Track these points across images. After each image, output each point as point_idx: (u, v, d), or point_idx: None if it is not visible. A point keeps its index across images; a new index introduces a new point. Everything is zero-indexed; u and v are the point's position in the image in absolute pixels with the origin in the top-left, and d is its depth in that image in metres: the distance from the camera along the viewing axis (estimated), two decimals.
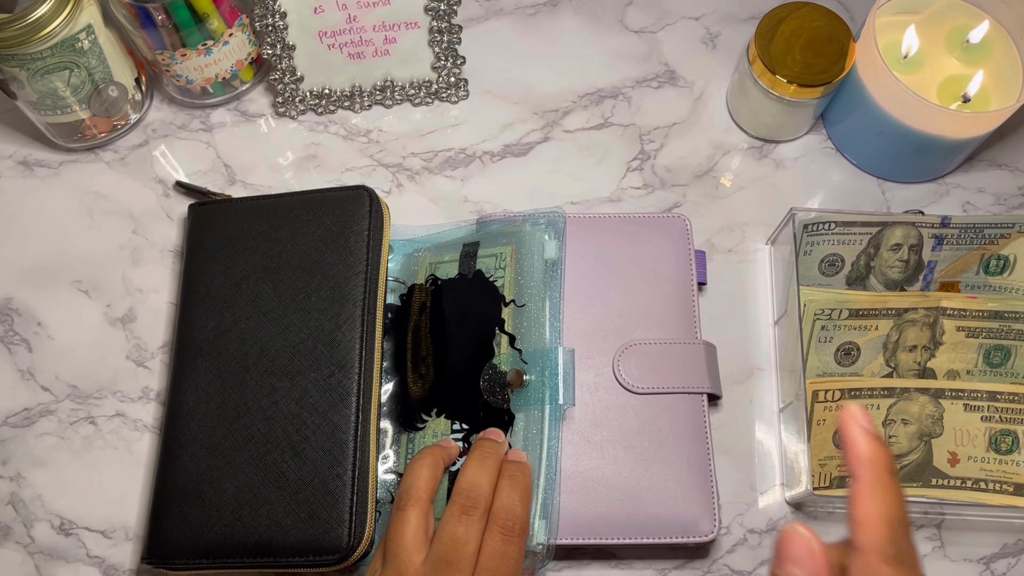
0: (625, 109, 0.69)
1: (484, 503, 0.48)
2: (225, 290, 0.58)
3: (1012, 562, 0.57)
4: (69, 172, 0.67)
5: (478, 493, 0.48)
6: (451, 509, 0.48)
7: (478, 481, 0.49)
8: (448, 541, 0.47)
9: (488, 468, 0.50)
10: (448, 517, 0.47)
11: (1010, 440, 0.57)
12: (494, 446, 0.51)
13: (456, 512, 0.47)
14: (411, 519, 0.48)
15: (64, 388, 0.61)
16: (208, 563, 0.52)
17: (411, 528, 0.48)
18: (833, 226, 0.60)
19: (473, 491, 0.48)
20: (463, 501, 0.48)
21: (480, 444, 0.52)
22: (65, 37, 0.58)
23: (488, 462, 0.50)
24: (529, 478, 0.50)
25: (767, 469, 0.59)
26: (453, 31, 0.65)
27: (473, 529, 0.47)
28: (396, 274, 0.62)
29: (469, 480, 0.49)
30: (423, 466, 0.50)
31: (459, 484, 0.49)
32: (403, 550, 0.47)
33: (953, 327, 0.59)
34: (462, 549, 0.46)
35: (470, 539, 0.47)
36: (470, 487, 0.48)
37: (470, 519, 0.47)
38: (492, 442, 0.52)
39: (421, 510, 0.48)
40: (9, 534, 0.58)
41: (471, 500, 0.48)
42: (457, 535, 0.47)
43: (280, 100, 0.68)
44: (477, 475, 0.49)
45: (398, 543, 0.47)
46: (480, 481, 0.49)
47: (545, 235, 0.58)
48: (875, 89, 0.61)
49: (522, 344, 0.55)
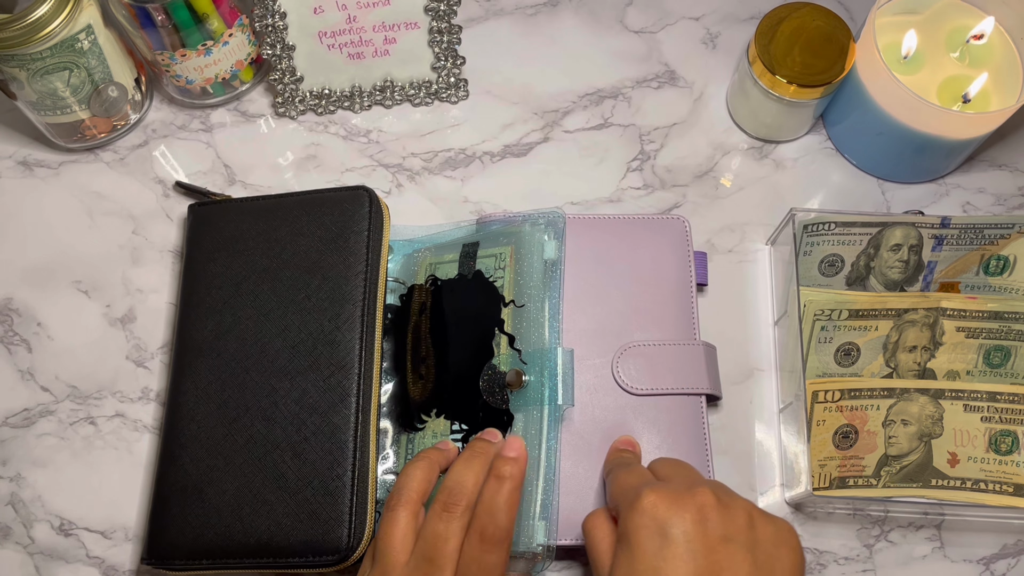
0: (625, 109, 0.69)
1: (466, 500, 0.48)
2: (225, 290, 0.58)
3: (1012, 562, 0.57)
4: (69, 172, 0.67)
5: (460, 491, 0.48)
6: (433, 507, 0.48)
7: (462, 479, 0.49)
8: (429, 538, 0.47)
9: (474, 466, 0.49)
10: (430, 515, 0.48)
11: (1010, 440, 0.57)
12: (485, 445, 0.51)
13: (437, 509, 0.48)
14: (400, 519, 0.48)
15: (64, 388, 0.61)
16: (208, 563, 0.52)
17: (400, 529, 0.48)
18: (833, 226, 0.60)
19: (456, 488, 0.48)
20: (444, 498, 0.48)
21: (472, 444, 0.52)
22: (65, 37, 0.58)
23: (475, 461, 0.50)
24: (520, 474, 0.50)
25: (767, 469, 0.59)
26: (453, 31, 0.65)
27: (453, 526, 0.47)
28: (396, 274, 0.62)
29: (454, 478, 0.49)
30: (417, 468, 0.50)
31: (444, 482, 0.49)
32: (391, 550, 0.47)
33: (953, 327, 0.59)
34: (442, 546, 0.46)
35: (450, 536, 0.47)
36: (453, 485, 0.48)
37: (450, 516, 0.47)
38: (484, 442, 0.52)
39: (411, 511, 0.48)
40: (9, 534, 0.58)
41: (452, 497, 0.48)
42: (437, 532, 0.47)
43: (280, 100, 0.68)
44: (462, 473, 0.49)
45: (386, 543, 0.47)
46: (464, 479, 0.49)
47: (545, 235, 0.58)
48: (875, 89, 0.61)
49: (521, 345, 0.55)
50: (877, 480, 0.56)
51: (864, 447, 0.57)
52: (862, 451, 0.57)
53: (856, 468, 0.57)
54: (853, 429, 0.57)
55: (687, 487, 0.45)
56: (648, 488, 0.45)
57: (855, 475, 0.57)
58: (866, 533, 0.58)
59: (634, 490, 0.45)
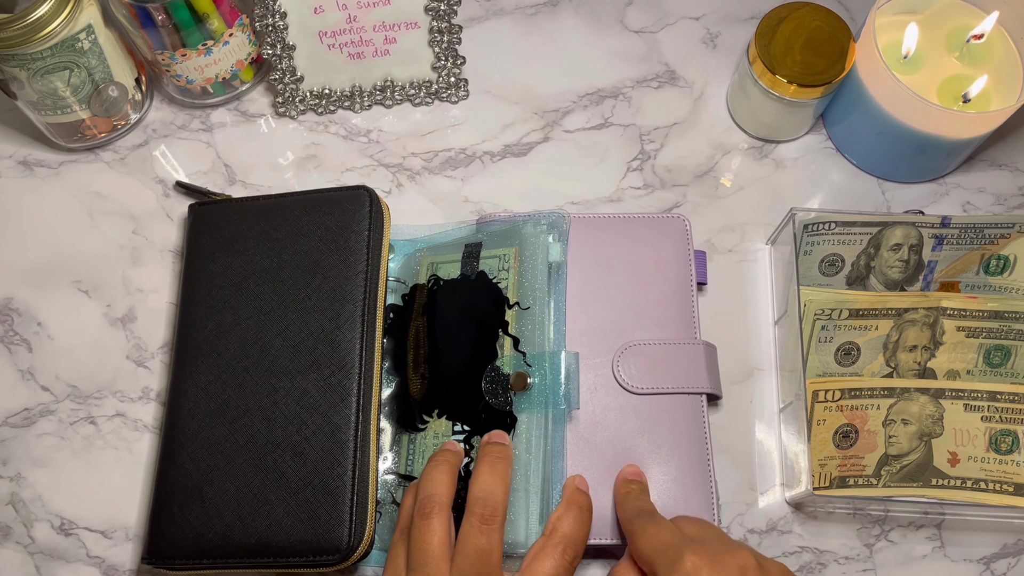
0: (625, 109, 0.69)
1: (503, 510, 0.48)
2: (225, 290, 0.58)
3: (1012, 562, 0.57)
4: (69, 172, 0.67)
5: (494, 501, 0.48)
6: (470, 520, 0.48)
7: (493, 488, 0.49)
8: (472, 554, 0.46)
9: (500, 473, 0.49)
10: (468, 529, 0.47)
11: (1010, 440, 0.57)
12: (503, 450, 0.51)
13: (476, 523, 0.47)
14: (436, 528, 0.48)
15: (64, 388, 0.61)
16: (208, 563, 0.52)
17: (437, 537, 0.47)
18: (833, 226, 0.60)
19: (489, 499, 0.48)
20: (480, 510, 0.48)
21: (489, 450, 0.51)
22: (65, 37, 0.58)
23: (499, 467, 0.50)
24: (510, 461, 0.51)
25: (767, 469, 0.59)
26: (453, 31, 0.65)
27: (495, 539, 0.47)
28: (397, 274, 0.62)
29: (484, 487, 0.49)
30: (442, 472, 0.50)
31: (474, 492, 0.49)
32: (431, 559, 0.47)
33: (953, 327, 0.59)
34: (487, 560, 0.46)
35: (493, 549, 0.47)
36: (486, 496, 0.48)
37: (491, 529, 0.47)
38: (500, 446, 0.51)
39: (445, 517, 0.48)
40: (9, 534, 0.58)
41: (487, 509, 0.48)
42: (480, 546, 0.47)
43: (280, 100, 0.68)
44: (491, 482, 0.49)
45: (425, 552, 0.47)
46: (494, 488, 0.49)
47: (550, 237, 0.58)
48: (875, 89, 0.61)
49: (525, 347, 0.55)
50: (877, 480, 0.56)
51: (864, 447, 0.57)
52: (862, 451, 0.57)
53: (856, 468, 0.57)
54: (853, 428, 0.57)
55: (726, 548, 0.46)
56: (689, 550, 0.45)
57: (855, 475, 0.57)
58: (866, 533, 0.58)
59: (673, 550, 0.46)
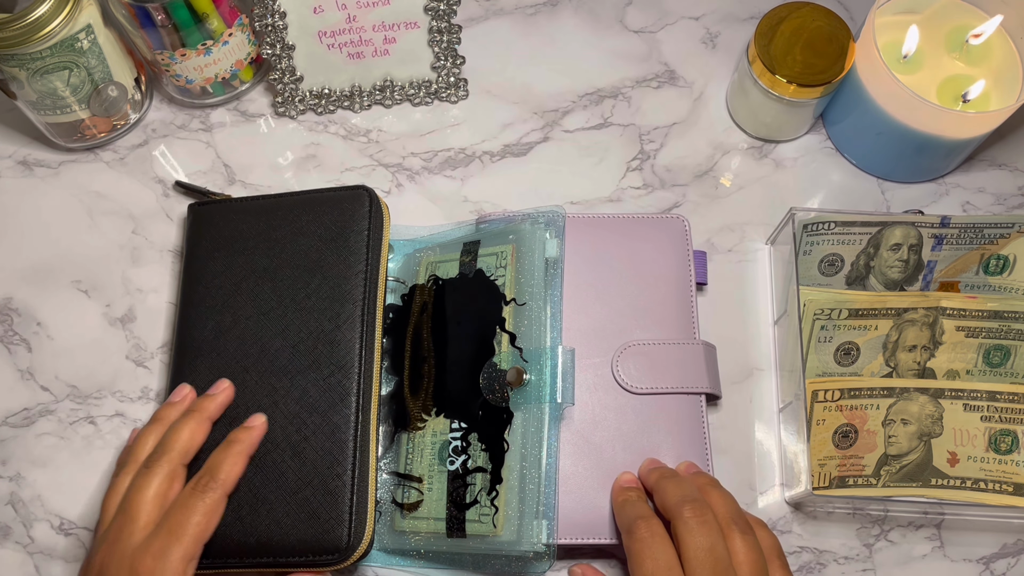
0: (625, 109, 0.69)
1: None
2: (225, 290, 0.58)
3: (1012, 562, 0.57)
4: (69, 172, 0.67)
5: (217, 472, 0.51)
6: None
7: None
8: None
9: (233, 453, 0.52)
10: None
11: (1010, 440, 0.57)
12: (247, 434, 0.53)
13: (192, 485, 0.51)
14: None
15: (64, 388, 0.61)
16: (208, 563, 0.52)
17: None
18: (833, 226, 0.60)
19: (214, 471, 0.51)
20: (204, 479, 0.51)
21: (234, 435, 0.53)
22: (65, 37, 0.58)
23: (234, 447, 0.52)
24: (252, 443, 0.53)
25: (767, 469, 0.59)
26: (453, 31, 0.65)
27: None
28: (396, 274, 0.62)
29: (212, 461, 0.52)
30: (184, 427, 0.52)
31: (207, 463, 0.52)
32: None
33: (953, 327, 0.59)
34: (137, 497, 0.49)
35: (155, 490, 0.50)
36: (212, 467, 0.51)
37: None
38: (247, 430, 0.53)
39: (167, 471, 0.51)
40: (9, 534, 0.58)
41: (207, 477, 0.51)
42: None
43: (280, 100, 0.68)
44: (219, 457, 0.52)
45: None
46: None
47: (546, 234, 0.59)
48: (875, 89, 0.61)
49: (522, 343, 0.55)
50: (877, 479, 0.56)
51: (864, 446, 0.57)
52: (862, 450, 0.57)
53: (856, 467, 0.57)
54: (853, 428, 0.57)
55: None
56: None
57: (855, 474, 0.57)
58: (866, 532, 0.58)
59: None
